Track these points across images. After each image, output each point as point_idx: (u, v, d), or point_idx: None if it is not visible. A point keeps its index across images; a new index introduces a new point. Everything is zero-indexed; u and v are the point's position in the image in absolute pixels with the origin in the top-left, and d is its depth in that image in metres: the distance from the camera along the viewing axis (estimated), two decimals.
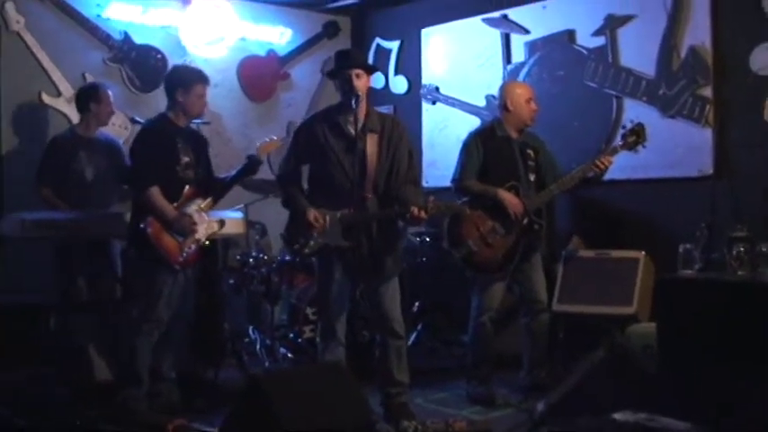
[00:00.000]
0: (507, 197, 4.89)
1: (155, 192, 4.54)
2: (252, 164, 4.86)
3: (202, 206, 4.72)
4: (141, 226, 4.51)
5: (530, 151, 5.05)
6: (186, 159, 4.70)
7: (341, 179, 4.39)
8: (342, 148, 4.40)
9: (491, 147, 5.00)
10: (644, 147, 5.06)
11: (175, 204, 4.61)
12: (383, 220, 4.46)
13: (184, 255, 4.60)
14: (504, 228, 4.93)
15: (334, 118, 4.47)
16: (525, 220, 4.91)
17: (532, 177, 5.03)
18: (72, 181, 5.47)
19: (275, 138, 5.02)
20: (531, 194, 4.97)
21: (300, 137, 4.59)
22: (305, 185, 4.60)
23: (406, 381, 4.53)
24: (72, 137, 5.59)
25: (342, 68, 4.44)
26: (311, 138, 4.47)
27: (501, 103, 5.09)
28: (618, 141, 5.09)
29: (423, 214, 4.26)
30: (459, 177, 5.03)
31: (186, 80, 4.75)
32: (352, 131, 4.37)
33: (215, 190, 4.83)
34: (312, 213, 4.37)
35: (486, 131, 5.10)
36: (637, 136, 4.94)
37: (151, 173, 4.58)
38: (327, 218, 4.37)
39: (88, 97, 5.56)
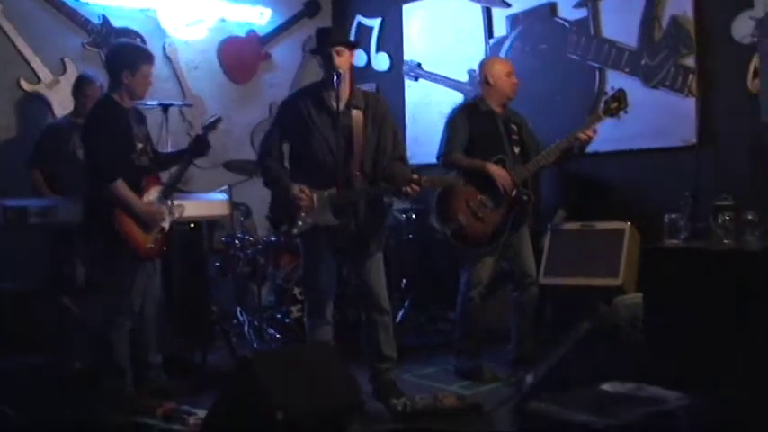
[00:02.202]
0: (495, 170, 4.89)
1: (120, 185, 4.36)
2: (198, 143, 4.69)
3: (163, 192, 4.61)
4: (108, 220, 4.37)
5: (513, 126, 5.06)
6: (140, 146, 4.57)
7: (326, 156, 4.32)
8: (327, 125, 4.33)
9: (475, 121, 4.98)
10: (625, 113, 5.01)
11: (139, 194, 4.48)
12: (371, 197, 4.43)
13: (151, 245, 4.54)
14: (494, 201, 4.92)
15: (318, 94, 4.40)
16: (514, 193, 4.91)
17: (517, 150, 5.03)
18: (66, 163, 5.45)
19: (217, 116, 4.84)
20: (518, 167, 4.96)
21: (283, 113, 4.51)
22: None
23: (393, 355, 4.54)
24: (67, 123, 5.64)
25: (322, 46, 4.38)
26: (295, 114, 4.39)
27: (482, 79, 5.09)
28: (600, 108, 5.07)
29: (416, 187, 4.21)
30: (445, 151, 5.00)
31: (133, 61, 4.50)
32: (336, 107, 4.30)
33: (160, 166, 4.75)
34: (297, 188, 4.30)
35: (470, 107, 5.09)
36: (618, 102, 4.92)
37: (113, 165, 4.39)
38: (315, 196, 4.32)
39: (83, 86, 5.62)
